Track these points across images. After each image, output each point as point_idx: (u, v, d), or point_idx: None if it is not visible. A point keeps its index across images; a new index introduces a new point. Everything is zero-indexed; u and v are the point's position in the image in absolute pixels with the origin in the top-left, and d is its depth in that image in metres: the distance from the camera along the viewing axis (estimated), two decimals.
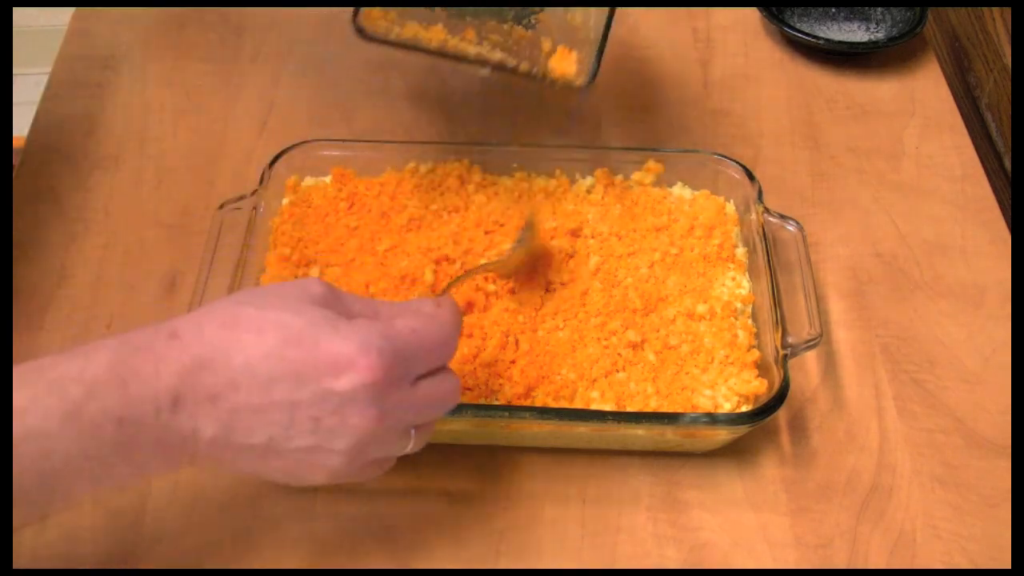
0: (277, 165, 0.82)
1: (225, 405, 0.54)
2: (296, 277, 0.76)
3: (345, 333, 0.55)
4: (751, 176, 0.81)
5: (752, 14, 1.07)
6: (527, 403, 0.70)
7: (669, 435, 0.69)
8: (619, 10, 1.07)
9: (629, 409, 0.70)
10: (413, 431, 0.60)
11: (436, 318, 0.59)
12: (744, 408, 0.70)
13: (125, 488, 0.56)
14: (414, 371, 0.58)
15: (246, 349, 0.54)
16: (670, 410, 0.69)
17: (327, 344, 0.55)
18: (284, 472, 0.57)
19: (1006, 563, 0.67)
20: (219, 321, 0.55)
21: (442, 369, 0.60)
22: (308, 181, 0.84)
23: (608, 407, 0.69)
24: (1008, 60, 1.00)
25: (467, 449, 0.72)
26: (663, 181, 0.84)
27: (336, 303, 0.58)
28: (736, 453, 0.72)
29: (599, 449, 0.72)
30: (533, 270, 0.76)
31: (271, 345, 0.54)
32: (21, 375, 0.52)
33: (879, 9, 1.04)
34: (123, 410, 0.52)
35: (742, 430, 0.69)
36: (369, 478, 0.61)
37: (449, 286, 0.69)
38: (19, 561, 0.66)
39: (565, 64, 0.77)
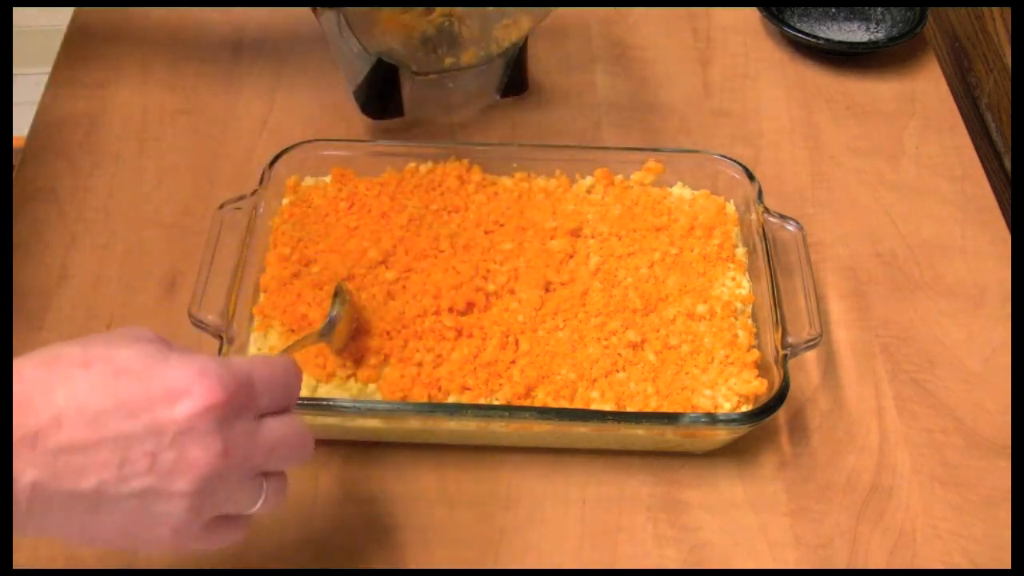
0: (277, 165, 0.82)
1: (47, 445, 0.47)
2: (296, 277, 0.76)
3: (179, 362, 0.51)
4: (751, 176, 0.81)
5: (752, 14, 1.07)
6: (527, 403, 0.70)
7: (669, 435, 0.69)
8: (619, 10, 1.08)
9: (629, 409, 0.70)
10: (264, 484, 0.55)
11: (271, 358, 0.56)
12: (744, 408, 0.70)
13: None
14: (257, 404, 0.53)
15: (70, 383, 0.49)
16: (670, 410, 0.69)
17: (160, 372, 0.50)
18: (120, 530, 0.51)
19: (1006, 563, 0.67)
20: (38, 360, 0.50)
21: (288, 411, 0.56)
22: (308, 181, 0.84)
23: (608, 407, 0.69)
24: (1008, 60, 1.00)
25: (467, 449, 0.72)
26: (663, 181, 0.84)
27: (164, 342, 0.53)
28: (736, 453, 0.72)
29: (599, 449, 0.72)
30: (353, 331, 0.73)
31: (98, 377, 0.49)
32: None
33: (879, 9, 1.04)
34: None
35: (742, 430, 0.69)
36: (219, 544, 0.55)
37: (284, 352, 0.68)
38: (19, 561, 0.66)
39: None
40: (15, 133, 0.99)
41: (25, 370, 0.49)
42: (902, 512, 0.70)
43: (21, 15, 0.82)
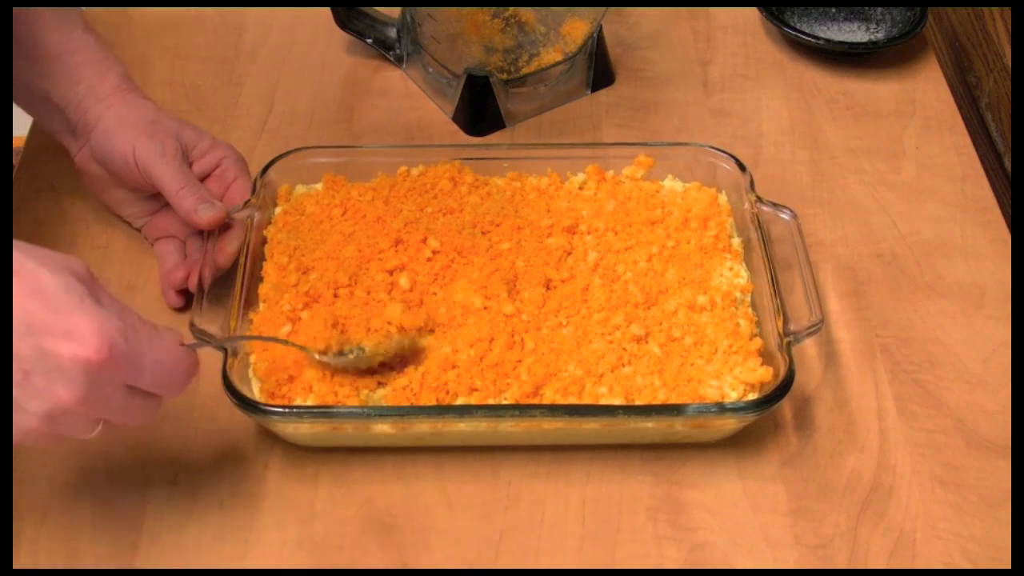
0: (268, 174, 0.82)
1: None
2: (296, 285, 0.76)
3: (90, 311, 0.56)
4: (742, 166, 0.82)
5: (752, 14, 1.07)
6: (536, 401, 0.70)
7: (678, 426, 0.69)
8: (619, 10, 1.08)
9: (638, 402, 0.70)
10: (100, 425, 0.60)
11: (174, 348, 0.60)
12: (750, 396, 0.70)
13: None
14: (134, 379, 0.58)
15: None
16: (678, 401, 0.70)
17: (68, 310, 0.55)
18: None
19: (1006, 563, 0.67)
20: None
21: (156, 396, 0.61)
22: (300, 189, 0.84)
23: (617, 401, 0.70)
24: (1008, 60, 1.00)
25: (467, 449, 0.72)
26: (653, 176, 0.85)
27: (92, 285, 0.58)
28: (736, 453, 0.72)
29: (601, 447, 0.72)
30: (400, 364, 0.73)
31: (16, 288, 0.55)
32: None
33: (879, 9, 1.04)
34: None
35: (750, 418, 0.69)
36: (43, 447, 0.62)
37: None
38: (19, 560, 0.66)
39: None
40: (15, 133, 0.98)
41: None
42: (902, 512, 0.70)
43: None
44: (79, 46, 0.80)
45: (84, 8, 1.06)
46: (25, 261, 0.56)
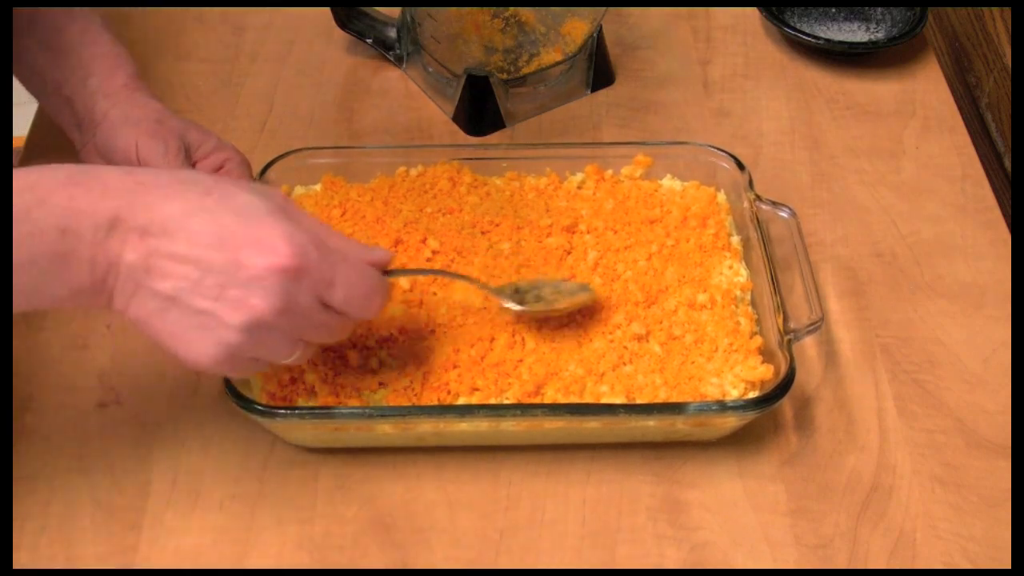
0: (267, 175, 0.82)
1: (151, 242, 0.57)
2: None
3: (280, 223, 0.58)
4: (740, 165, 0.82)
5: (752, 14, 1.07)
6: (537, 401, 0.70)
7: (679, 424, 0.69)
8: (619, 10, 1.08)
9: (639, 401, 0.70)
10: (301, 345, 0.62)
11: (370, 271, 0.63)
12: (751, 394, 0.70)
13: (51, 305, 0.59)
14: (326, 293, 0.60)
15: (188, 202, 0.58)
16: (679, 400, 0.70)
17: (259, 223, 0.58)
18: (176, 334, 0.59)
19: (1006, 563, 0.67)
20: (173, 177, 0.59)
21: (348, 317, 0.63)
22: (299, 190, 0.84)
23: (618, 400, 0.70)
24: (1008, 60, 1.00)
25: (467, 449, 0.72)
26: (652, 175, 0.85)
27: (288, 206, 0.61)
28: (736, 452, 0.72)
29: (604, 444, 0.72)
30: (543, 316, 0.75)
31: (212, 206, 0.58)
32: None
33: (879, 9, 1.04)
34: (65, 220, 0.56)
35: (750, 416, 0.69)
36: (241, 375, 0.64)
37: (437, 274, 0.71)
38: (19, 560, 0.66)
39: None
40: (15, 133, 0.98)
41: (163, 175, 0.59)
42: (902, 512, 0.70)
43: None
44: (94, 40, 0.81)
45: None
46: (221, 183, 0.59)
